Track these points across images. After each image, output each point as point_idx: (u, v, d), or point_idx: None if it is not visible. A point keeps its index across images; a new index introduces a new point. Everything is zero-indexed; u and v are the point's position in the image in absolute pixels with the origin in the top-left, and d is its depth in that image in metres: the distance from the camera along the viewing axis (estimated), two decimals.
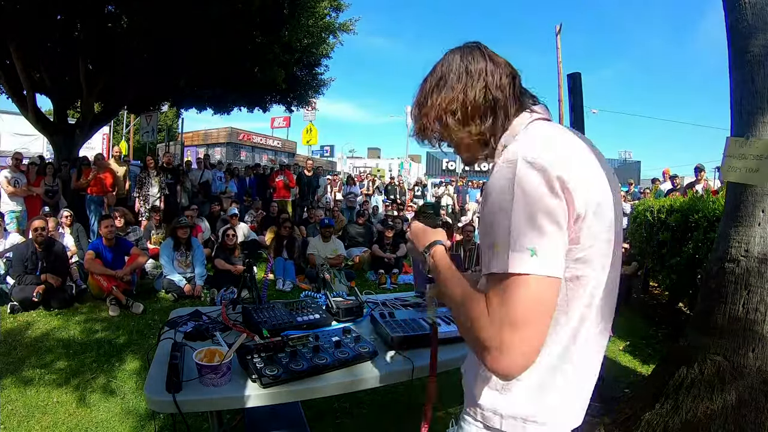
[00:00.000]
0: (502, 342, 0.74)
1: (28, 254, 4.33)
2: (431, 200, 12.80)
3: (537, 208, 0.75)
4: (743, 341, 2.05)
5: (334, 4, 9.32)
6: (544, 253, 0.74)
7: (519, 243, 0.75)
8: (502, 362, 0.75)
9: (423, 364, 1.55)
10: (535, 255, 0.74)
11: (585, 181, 0.80)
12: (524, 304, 0.74)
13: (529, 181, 0.76)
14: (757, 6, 2.10)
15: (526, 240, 0.75)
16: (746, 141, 2.12)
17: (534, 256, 0.74)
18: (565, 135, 0.89)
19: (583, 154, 0.86)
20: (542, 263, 0.74)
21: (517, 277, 0.74)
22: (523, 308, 0.74)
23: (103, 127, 13.10)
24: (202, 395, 1.27)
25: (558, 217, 0.76)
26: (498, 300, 0.76)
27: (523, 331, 0.74)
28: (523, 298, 0.74)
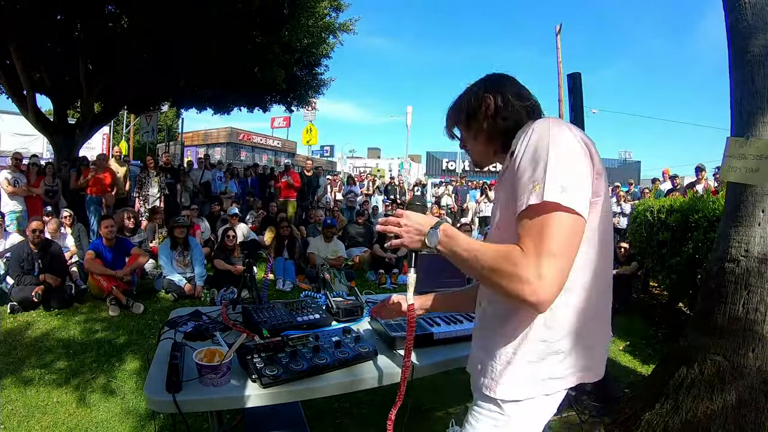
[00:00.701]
0: (542, 272, 0.83)
1: (23, 255, 4.33)
2: (430, 200, 12.79)
3: (570, 157, 0.88)
4: (743, 341, 2.05)
5: (334, 4, 9.33)
6: (574, 192, 0.85)
7: (553, 179, 0.85)
8: (541, 292, 0.83)
9: (423, 364, 1.55)
10: (566, 192, 0.84)
11: (598, 155, 0.95)
12: (559, 234, 0.84)
13: (564, 137, 0.89)
14: (757, 6, 2.10)
15: (559, 178, 0.85)
16: (746, 141, 2.12)
17: (564, 192, 0.84)
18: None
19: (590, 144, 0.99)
20: (572, 199, 0.85)
21: (552, 212, 0.85)
22: (559, 238, 0.84)
23: (103, 127, 13.11)
24: (202, 395, 1.27)
25: (586, 169, 0.89)
26: (534, 237, 0.85)
27: (560, 261, 0.84)
28: (558, 228, 0.84)
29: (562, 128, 0.90)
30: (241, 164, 15.97)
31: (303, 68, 10.56)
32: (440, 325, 1.77)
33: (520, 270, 0.84)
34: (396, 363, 1.54)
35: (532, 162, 0.89)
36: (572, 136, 0.90)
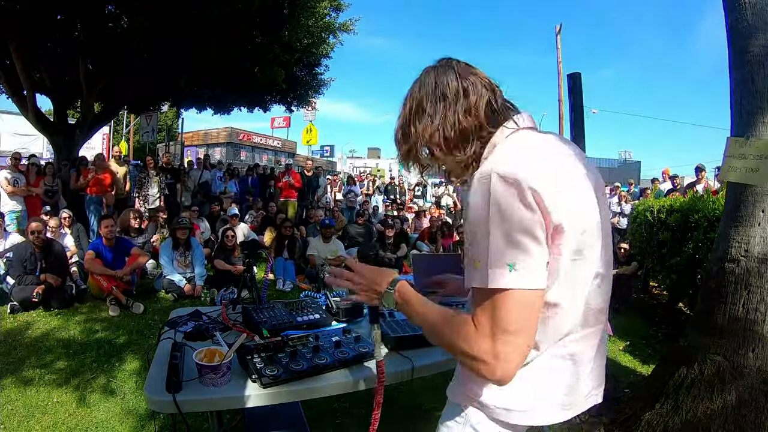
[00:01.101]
0: (497, 352, 0.78)
1: (26, 255, 4.33)
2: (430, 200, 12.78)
3: (513, 224, 0.77)
4: (743, 341, 2.05)
5: (334, 4, 9.33)
6: (524, 267, 0.77)
7: (498, 259, 0.77)
8: (498, 371, 0.79)
9: (423, 364, 1.55)
10: (515, 270, 0.77)
11: (562, 190, 0.80)
12: (512, 315, 0.78)
13: (503, 195, 0.77)
14: (757, 6, 2.10)
15: (505, 256, 0.77)
16: (746, 141, 2.12)
17: (513, 271, 0.77)
18: (545, 144, 0.91)
19: (562, 163, 0.87)
20: (522, 277, 0.77)
21: (501, 293, 0.77)
22: (513, 318, 0.78)
23: (103, 127, 13.11)
24: (202, 395, 1.27)
25: (535, 231, 0.77)
26: (486, 314, 0.79)
27: (516, 339, 0.78)
28: (510, 309, 0.77)
29: (502, 184, 0.77)
30: (241, 164, 15.97)
31: (303, 68, 10.56)
32: None
33: (475, 350, 0.80)
34: (396, 363, 1.54)
35: (470, 230, 0.83)
36: (511, 193, 0.77)
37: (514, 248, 0.77)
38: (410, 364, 1.52)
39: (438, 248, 7.09)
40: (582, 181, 0.88)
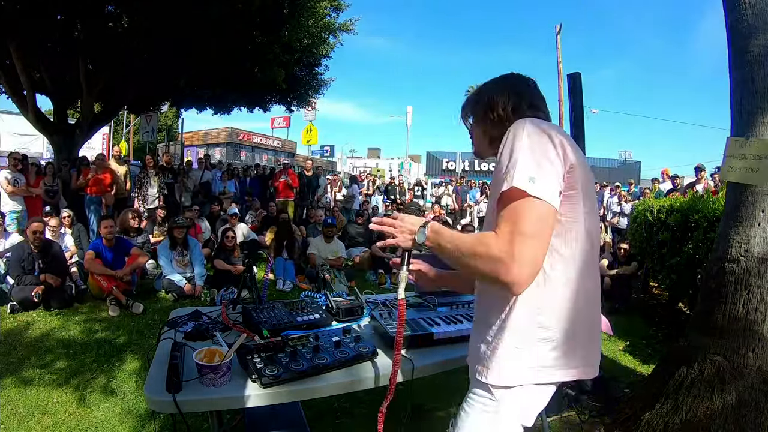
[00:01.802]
0: (513, 251, 0.90)
1: (24, 255, 4.33)
2: (430, 200, 12.79)
3: (540, 152, 0.95)
4: (743, 341, 2.05)
5: (334, 4, 9.33)
6: (543, 183, 0.93)
7: (522, 171, 0.93)
8: (513, 270, 0.90)
9: (423, 364, 1.55)
10: (534, 182, 0.92)
11: (575, 152, 1.00)
12: (529, 217, 0.91)
13: (537, 134, 0.97)
14: (757, 6, 2.10)
15: (529, 170, 0.93)
16: (746, 141, 2.12)
17: (532, 182, 0.92)
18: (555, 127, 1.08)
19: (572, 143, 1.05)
20: (540, 189, 0.92)
21: (522, 198, 0.92)
22: (528, 221, 0.91)
23: (103, 127, 13.11)
24: (202, 395, 1.27)
25: (556, 163, 0.96)
26: (506, 220, 0.93)
27: (531, 240, 0.90)
28: (527, 212, 0.92)
29: (535, 126, 0.98)
30: (241, 164, 15.96)
31: (303, 68, 10.56)
32: (440, 325, 1.77)
33: (494, 250, 0.91)
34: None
35: (506, 158, 0.98)
36: (542, 133, 0.97)
37: (536, 166, 0.94)
38: (410, 364, 1.52)
39: None
40: (586, 164, 1.06)
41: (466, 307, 2.01)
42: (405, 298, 1.20)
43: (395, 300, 2.13)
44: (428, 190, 13.46)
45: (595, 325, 1.13)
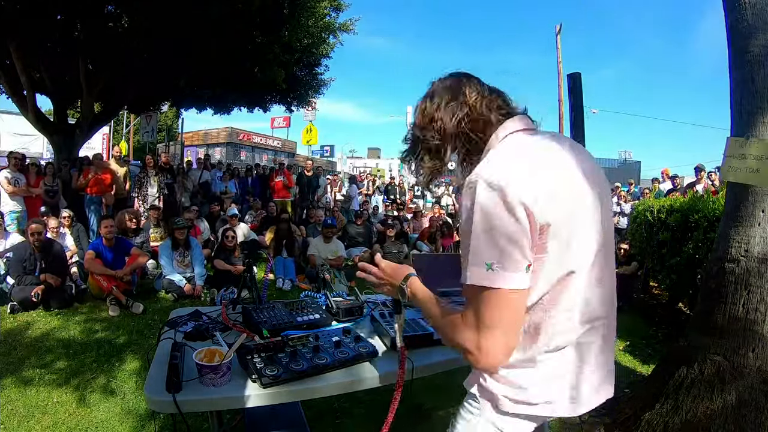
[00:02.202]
0: (479, 343, 0.86)
1: (26, 255, 4.33)
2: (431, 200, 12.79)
3: (495, 228, 0.82)
4: (743, 341, 2.05)
5: (334, 4, 9.32)
6: (502, 268, 0.82)
7: (477, 259, 0.84)
8: (481, 360, 0.88)
9: (423, 364, 1.55)
10: (492, 270, 0.83)
11: (551, 198, 0.84)
12: (490, 311, 0.85)
13: (486, 201, 0.83)
14: (757, 6, 2.10)
15: (483, 256, 0.83)
16: (746, 141, 2.12)
17: (490, 271, 0.83)
18: (537, 146, 0.94)
19: (553, 165, 0.90)
20: (499, 277, 0.82)
21: (483, 291, 0.84)
22: (491, 314, 0.85)
23: (103, 127, 13.10)
24: (202, 395, 1.27)
25: (516, 237, 0.82)
26: (470, 309, 0.88)
27: (495, 333, 0.85)
28: (488, 306, 0.85)
29: (490, 191, 0.82)
30: (241, 164, 15.96)
31: (303, 68, 10.55)
32: None
33: (463, 342, 0.89)
34: (396, 363, 1.54)
35: (462, 232, 0.89)
36: (498, 201, 0.81)
37: (492, 249, 0.83)
38: (410, 364, 1.52)
39: (438, 248, 7.09)
40: (574, 182, 0.91)
41: None
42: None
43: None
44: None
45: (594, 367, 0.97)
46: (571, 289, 0.90)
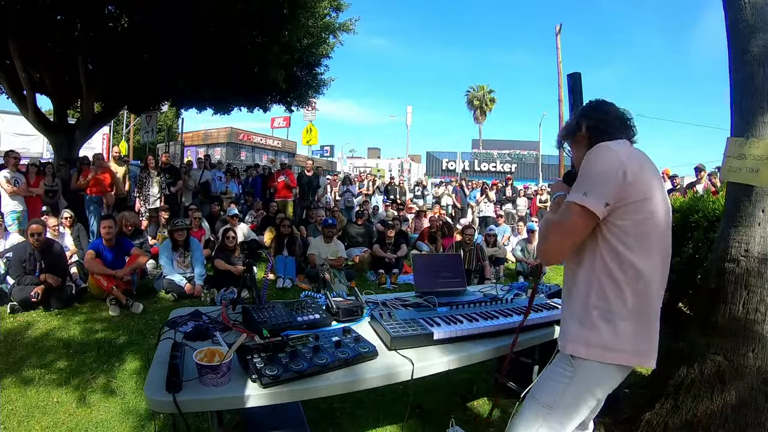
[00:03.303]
0: (548, 239, 1.38)
1: (26, 255, 4.32)
2: (431, 200, 12.79)
3: (598, 173, 1.26)
4: (743, 341, 2.05)
5: (334, 4, 9.31)
6: (591, 196, 1.24)
7: (579, 188, 1.28)
8: (542, 253, 1.41)
9: (423, 364, 1.55)
10: (585, 195, 1.25)
11: (642, 179, 1.25)
12: (569, 221, 1.29)
13: (601, 157, 1.27)
14: (757, 6, 2.10)
15: (584, 187, 1.27)
16: (746, 141, 2.12)
17: (584, 196, 1.25)
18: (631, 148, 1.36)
19: (644, 163, 1.30)
20: (587, 201, 1.24)
21: (571, 205, 1.28)
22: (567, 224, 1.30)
23: (103, 127, 13.11)
24: (202, 395, 1.27)
25: (611, 181, 1.23)
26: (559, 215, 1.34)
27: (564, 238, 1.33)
28: (569, 218, 1.29)
29: (604, 151, 1.27)
30: (241, 164, 15.96)
31: (303, 68, 10.53)
32: (440, 325, 1.77)
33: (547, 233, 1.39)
34: (396, 363, 1.54)
35: (581, 170, 1.31)
36: (608, 157, 1.26)
37: (593, 184, 1.25)
38: (410, 364, 1.53)
39: (438, 248, 7.09)
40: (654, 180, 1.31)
41: (466, 307, 2.01)
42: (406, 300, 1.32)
43: (395, 300, 2.14)
44: (429, 190, 13.44)
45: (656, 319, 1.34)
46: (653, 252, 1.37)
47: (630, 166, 1.24)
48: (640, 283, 1.27)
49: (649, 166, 1.32)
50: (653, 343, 1.31)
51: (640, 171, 1.26)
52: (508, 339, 1.83)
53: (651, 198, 1.27)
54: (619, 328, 1.26)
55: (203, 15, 6.70)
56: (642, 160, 1.30)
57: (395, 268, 6.17)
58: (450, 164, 27.75)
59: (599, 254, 1.29)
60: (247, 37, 7.84)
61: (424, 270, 2.42)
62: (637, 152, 1.35)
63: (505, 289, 2.56)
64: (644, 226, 1.26)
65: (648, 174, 1.28)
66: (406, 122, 29.27)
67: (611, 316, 1.27)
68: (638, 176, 1.24)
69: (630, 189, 1.23)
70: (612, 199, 1.23)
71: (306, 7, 8.07)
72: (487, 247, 6.56)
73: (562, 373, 1.35)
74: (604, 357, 1.27)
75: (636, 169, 1.24)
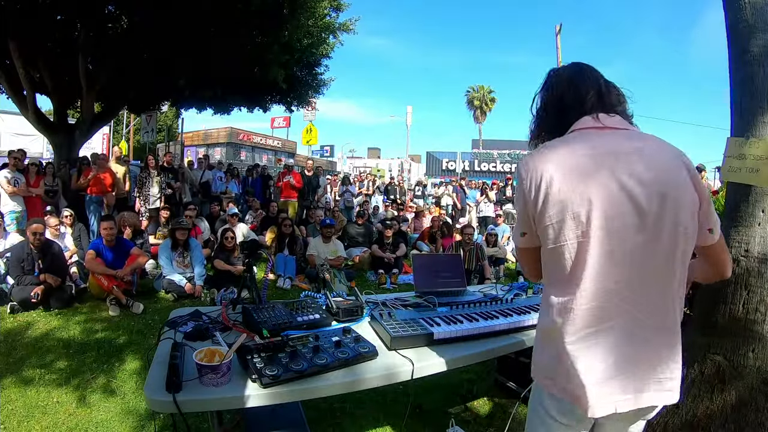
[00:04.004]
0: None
1: (24, 255, 4.32)
2: (430, 200, 12.79)
3: (516, 197, 1.10)
4: (743, 341, 2.04)
5: (334, 4, 9.32)
6: (517, 224, 1.11)
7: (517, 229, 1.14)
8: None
9: (423, 364, 1.55)
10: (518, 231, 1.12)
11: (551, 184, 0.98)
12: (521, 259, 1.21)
13: (518, 174, 1.06)
14: (757, 6, 2.09)
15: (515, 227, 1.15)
16: (746, 141, 2.11)
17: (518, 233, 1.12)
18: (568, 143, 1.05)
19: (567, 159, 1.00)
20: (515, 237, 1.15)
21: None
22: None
23: (103, 127, 13.10)
24: (202, 395, 1.27)
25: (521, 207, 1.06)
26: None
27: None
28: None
29: (518, 167, 1.08)
30: (241, 164, 15.96)
31: (303, 68, 10.54)
32: (440, 325, 1.77)
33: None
34: (396, 363, 1.54)
35: None
36: (519, 174, 1.06)
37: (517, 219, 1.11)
38: (410, 364, 1.53)
39: (438, 248, 7.09)
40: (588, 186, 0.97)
41: (466, 307, 2.01)
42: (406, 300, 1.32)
43: (395, 300, 2.14)
44: (429, 190, 13.45)
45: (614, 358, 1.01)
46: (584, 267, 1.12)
47: (529, 181, 1.01)
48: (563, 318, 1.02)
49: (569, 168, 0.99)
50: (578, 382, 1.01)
51: (543, 184, 0.98)
52: (508, 339, 1.83)
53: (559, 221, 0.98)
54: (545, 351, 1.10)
55: (203, 15, 6.70)
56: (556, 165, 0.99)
57: (395, 268, 6.17)
58: (450, 164, 27.74)
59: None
60: (247, 37, 7.83)
61: (424, 270, 2.42)
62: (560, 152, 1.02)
63: (505, 289, 2.56)
64: (553, 256, 1.02)
65: (558, 185, 0.97)
66: (406, 122, 29.32)
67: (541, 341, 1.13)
68: (540, 193, 0.98)
69: (534, 212, 1.01)
70: (527, 227, 1.07)
71: (306, 7, 8.06)
72: (487, 247, 6.56)
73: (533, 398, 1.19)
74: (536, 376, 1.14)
75: (536, 185, 0.99)
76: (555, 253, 1.01)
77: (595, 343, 1.00)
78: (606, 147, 1.00)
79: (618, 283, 0.97)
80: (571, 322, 1.00)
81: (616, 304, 0.98)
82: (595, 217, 0.95)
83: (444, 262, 2.60)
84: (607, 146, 1.01)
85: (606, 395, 0.99)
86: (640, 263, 0.97)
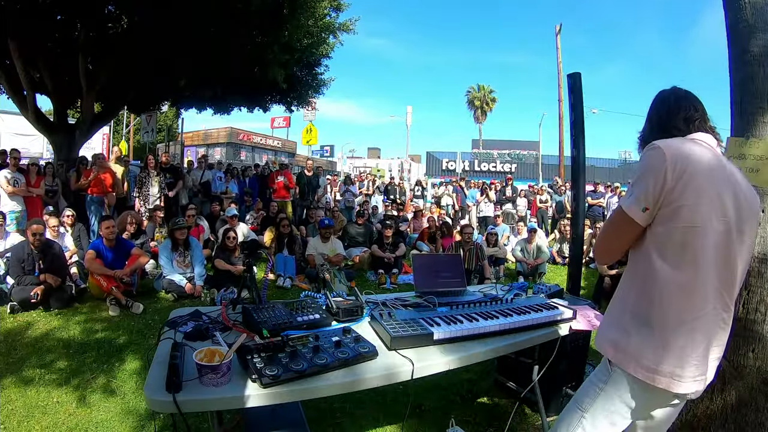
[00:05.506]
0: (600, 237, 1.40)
1: (24, 255, 4.32)
2: (431, 200, 12.79)
3: (644, 176, 1.19)
4: (743, 341, 2.04)
5: (334, 4, 9.31)
6: (633, 201, 1.21)
7: (630, 190, 1.24)
8: (594, 249, 1.48)
9: (423, 364, 1.55)
10: (630, 200, 1.22)
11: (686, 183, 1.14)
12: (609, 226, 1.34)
13: (650, 157, 1.20)
14: (757, 6, 2.09)
15: (632, 189, 1.23)
16: (746, 141, 2.11)
17: (629, 200, 1.22)
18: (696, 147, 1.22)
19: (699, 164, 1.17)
20: (630, 206, 1.21)
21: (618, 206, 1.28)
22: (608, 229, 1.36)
23: (103, 127, 13.10)
24: (202, 395, 1.27)
25: (653, 182, 1.16)
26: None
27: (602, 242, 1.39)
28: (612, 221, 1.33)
29: (650, 150, 1.21)
30: (241, 164, 15.96)
31: (303, 68, 10.54)
32: (440, 325, 1.77)
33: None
34: (396, 363, 1.54)
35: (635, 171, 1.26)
36: (651, 156, 1.19)
37: (634, 188, 1.22)
38: (410, 364, 1.53)
39: (438, 248, 7.09)
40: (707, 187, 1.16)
41: (466, 307, 2.01)
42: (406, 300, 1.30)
43: (395, 300, 2.14)
44: (428, 190, 13.45)
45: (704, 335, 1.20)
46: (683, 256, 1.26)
47: (673, 167, 1.14)
48: (673, 296, 1.17)
49: (707, 168, 1.17)
50: (684, 364, 1.17)
51: (686, 174, 1.14)
52: (508, 339, 1.83)
53: (694, 205, 1.14)
54: (643, 338, 1.20)
55: (203, 15, 6.70)
56: (696, 161, 1.17)
57: (395, 268, 6.17)
58: (450, 164, 27.76)
59: (642, 259, 1.23)
60: (247, 37, 7.83)
61: (424, 270, 2.42)
62: (695, 151, 1.20)
63: (504, 289, 2.56)
64: (683, 236, 1.16)
65: (700, 178, 1.15)
66: (406, 122, 29.31)
67: (639, 325, 1.21)
68: (682, 179, 1.14)
69: (669, 193, 1.15)
70: (651, 204, 1.17)
71: (306, 7, 8.06)
72: (487, 247, 6.56)
73: (599, 377, 1.32)
74: (628, 366, 1.22)
75: (680, 171, 1.14)
76: (687, 233, 1.16)
77: (698, 326, 1.18)
78: (723, 161, 1.24)
79: (720, 275, 1.18)
80: (688, 301, 1.17)
81: (717, 290, 1.18)
82: (723, 213, 1.16)
83: (444, 262, 2.60)
84: (723, 161, 1.24)
85: (699, 375, 1.20)
86: (733, 261, 1.20)
